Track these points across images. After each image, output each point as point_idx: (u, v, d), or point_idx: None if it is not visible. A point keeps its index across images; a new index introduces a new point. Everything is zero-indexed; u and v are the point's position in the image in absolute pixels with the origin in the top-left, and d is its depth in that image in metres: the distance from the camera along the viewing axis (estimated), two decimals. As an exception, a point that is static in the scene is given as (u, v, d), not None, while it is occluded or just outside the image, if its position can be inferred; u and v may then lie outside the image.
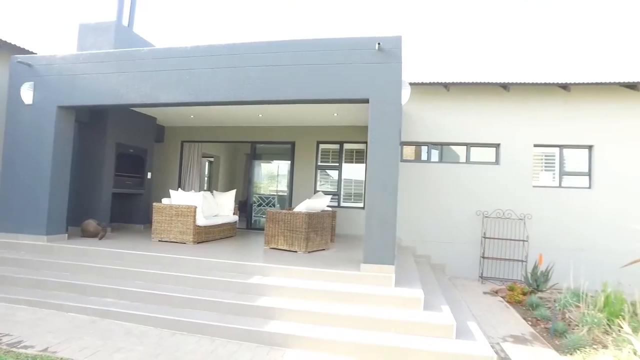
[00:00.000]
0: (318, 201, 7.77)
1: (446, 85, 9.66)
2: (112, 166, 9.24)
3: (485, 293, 8.22)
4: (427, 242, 9.82)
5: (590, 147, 9.59)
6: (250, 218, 11.81)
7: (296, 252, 7.31)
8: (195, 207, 7.96)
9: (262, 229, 9.60)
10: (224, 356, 4.48)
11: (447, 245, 9.74)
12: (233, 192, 9.73)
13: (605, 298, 6.14)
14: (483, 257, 9.43)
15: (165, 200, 8.34)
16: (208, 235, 8.37)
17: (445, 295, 6.38)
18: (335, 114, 9.01)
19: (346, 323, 4.99)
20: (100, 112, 8.97)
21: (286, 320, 5.11)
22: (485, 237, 9.46)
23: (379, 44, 5.78)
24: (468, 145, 9.99)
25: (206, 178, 15.84)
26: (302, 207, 7.46)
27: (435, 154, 10.30)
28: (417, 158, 10.36)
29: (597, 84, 9.07)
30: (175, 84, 6.81)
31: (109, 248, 6.99)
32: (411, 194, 9.99)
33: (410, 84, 9.47)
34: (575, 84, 9.10)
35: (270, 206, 12.16)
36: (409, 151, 10.54)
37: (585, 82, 9.07)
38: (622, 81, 9.00)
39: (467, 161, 9.98)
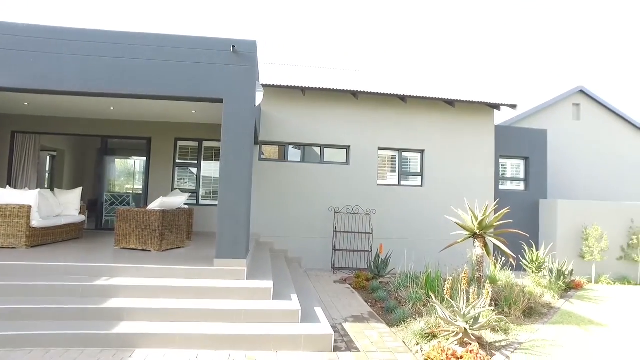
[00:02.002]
0: (173, 199, 7.64)
1: (303, 90, 10.33)
2: None
3: (335, 282, 9.05)
4: (285, 238, 10.36)
5: (422, 152, 11.27)
6: (100, 218, 10.90)
7: (149, 250, 7.09)
8: (30, 207, 7.10)
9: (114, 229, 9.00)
10: (61, 365, 4.20)
11: (303, 240, 10.43)
12: (79, 190, 8.90)
13: (426, 277, 7.38)
14: (334, 250, 10.35)
15: (-13, 200, 7.23)
16: (47, 237, 7.54)
17: (296, 286, 6.90)
18: (194, 111, 8.91)
19: (199, 317, 5.09)
20: None
21: (136, 320, 4.98)
22: (336, 231, 10.40)
23: (233, 46, 5.98)
24: (322, 146, 10.85)
25: (47, 175, 14.02)
26: (156, 204, 7.25)
27: (298, 154, 10.91)
28: (280, 158, 10.86)
29: (425, 97, 10.74)
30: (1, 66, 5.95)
31: None
32: (272, 191, 10.42)
33: (270, 86, 9.94)
34: (409, 96, 10.61)
35: (124, 205, 11.38)
36: (272, 151, 10.97)
37: (417, 95, 10.65)
38: (443, 97, 10.81)
39: (321, 161, 10.83)
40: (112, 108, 8.94)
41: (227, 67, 6.06)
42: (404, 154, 11.35)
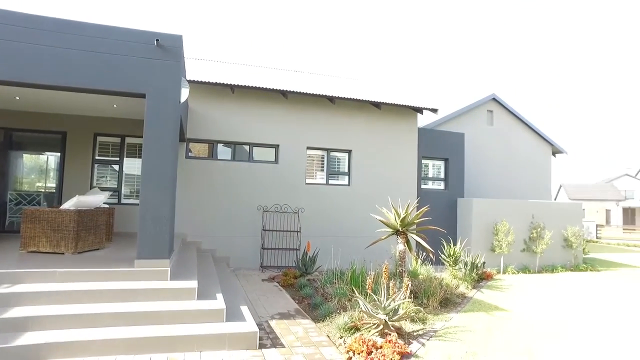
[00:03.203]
0: (91, 197, 7.18)
1: (232, 87, 10.18)
2: None
3: (264, 280, 9.05)
4: (213, 237, 10.15)
5: (349, 152, 11.62)
6: (3, 220, 9.89)
7: (63, 253, 6.60)
8: None
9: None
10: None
11: (232, 239, 10.29)
12: (-23, 189, 8.02)
13: (351, 273, 7.64)
14: (263, 248, 10.34)
15: None
16: None
17: (223, 285, 6.82)
18: (115, 105, 8.41)
19: (118, 321, 4.86)
20: None
21: (46, 329, 4.63)
22: (264, 230, 10.40)
23: (157, 40, 5.76)
24: (251, 145, 10.78)
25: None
26: (71, 203, 6.77)
27: (226, 152, 10.71)
28: (209, 156, 10.60)
29: (352, 99, 11.08)
30: None
31: None
32: (199, 190, 10.15)
33: (198, 82, 9.68)
34: (338, 97, 10.89)
35: (34, 204, 10.42)
36: (200, 148, 10.67)
37: (345, 97, 10.96)
38: (370, 100, 11.24)
39: (250, 160, 10.76)
40: (17, 98, 8.15)
41: (150, 61, 5.81)
42: (332, 153, 11.62)
